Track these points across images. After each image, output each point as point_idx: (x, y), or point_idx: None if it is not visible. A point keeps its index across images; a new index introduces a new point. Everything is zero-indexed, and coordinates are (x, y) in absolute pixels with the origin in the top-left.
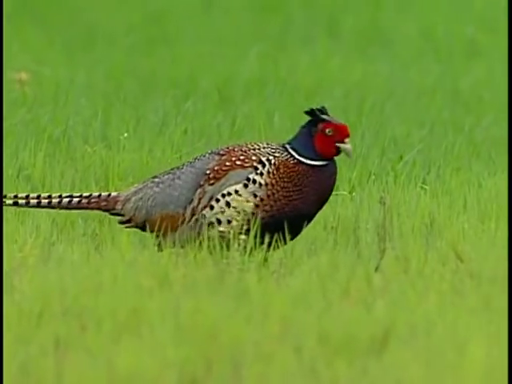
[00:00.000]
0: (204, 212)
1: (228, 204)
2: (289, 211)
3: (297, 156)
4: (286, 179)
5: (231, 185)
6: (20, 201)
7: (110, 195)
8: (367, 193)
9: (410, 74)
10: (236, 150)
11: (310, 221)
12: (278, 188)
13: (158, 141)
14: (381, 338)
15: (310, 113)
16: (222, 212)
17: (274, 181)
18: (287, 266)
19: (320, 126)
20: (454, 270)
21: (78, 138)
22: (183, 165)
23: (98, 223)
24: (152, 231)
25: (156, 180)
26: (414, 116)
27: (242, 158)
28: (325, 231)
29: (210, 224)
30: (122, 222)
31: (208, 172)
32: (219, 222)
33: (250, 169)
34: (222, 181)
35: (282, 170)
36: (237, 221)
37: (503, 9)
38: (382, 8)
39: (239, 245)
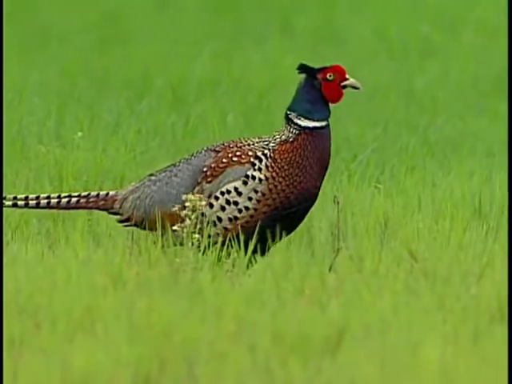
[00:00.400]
0: (204, 210)
1: (228, 202)
2: (294, 198)
3: (300, 122)
4: (286, 166)
5: (229, 182)
6: (19, 202)
7: (108, 194)
8: (321, 192)
9: (364, 73)
10: (232, 146)
11: (316, 197)
12: (281, 179)
13: (112, 140)
14: (335, 337)
15: (303, 69)
16: (223, 209)
17: (274, 173)
18: (241, 265)
19: (320, 75)
20: (408, 270)
21: (32, 138)
22: (180, 162)
23: (51, 222)
24: (152, 230)
25: (153, 178)
26: (367, 115)
27: (238, 154)
28: None
29: (211, 222)
30: (120, 221)
31: (205, 169)
32: (220, 219)
33: (248, 165)
34: (220, 178)
35: (279, 160)
36: (238, 218)
37: (458, 7)
38: (335, 7)
39: (193, 244)
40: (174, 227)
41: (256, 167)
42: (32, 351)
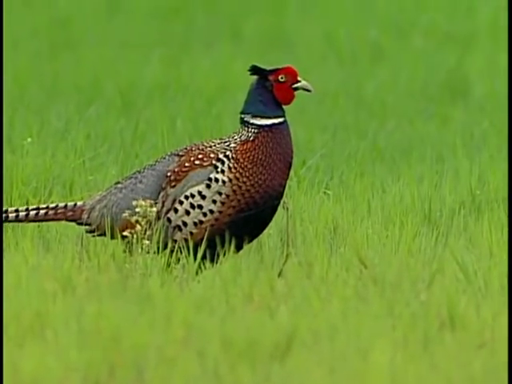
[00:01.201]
0: (169, 215)
1: (193, 206)
2: (259, 198)
3: (257, 121)
4: (249, 165)
5: (193, 186)
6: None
7: (75, 205)
8: None
9: (313, 77)
10: (194, 149)
11: (282, 195)
12: (245, 179)
13: (61, 146)
14: (284, 343)
15: (255, 70)
16: (188, 214)
17: (237, 174)
18: (190, 270)
19: (271, 77)
20: (357, 276)
21: None
22: (144, 168)
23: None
24: (121, 238)
25: (119, 186)
26: (316, 121)
27: (200, 156)
28: None
29: (176, 227)
30: (89, 232)
31: (169, 174)
32: (185, 224)
33: (210, 167)
34: (183, 182)
35: (241, 159)
36: (202, 222)
37: (407, 11)
38: (284, 12)
39: (142, 249)
40: (125, 233)
41: (219, 169)
42: None
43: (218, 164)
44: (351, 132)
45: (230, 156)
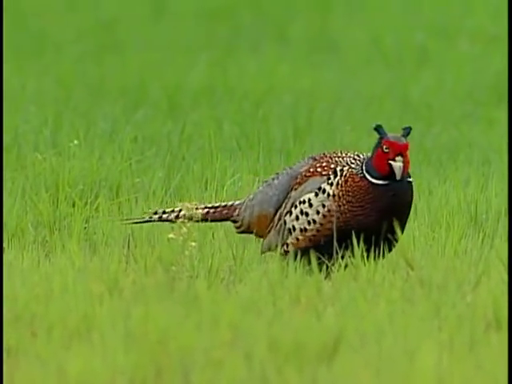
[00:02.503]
0: (286, 217)
1: (302, 212)
2: (355, 225)
3: (364, 171)
4: (350, 193)
5: (307, 192)
6: (163, 215)
7: (232, 204)
8: None
9: (359, 81)
10: (327, 155)
11: (386, 234)
12: (344, 201)
13: (108, 148)
14: (331, 345)
15: (377, 129)
16: (297, 219)
17: (340, 193)
18: (237, 273)
19: (382, 142)
20: (404, 278)
21: (29, 146)
22: (290, 166)
23: (48, 230)
24: (255, 234)
25: (266, 181)
26: (363, 123)
27: (324, 164)
28: None
29: (288, 230)
30: (236, 228)
31: (298, 176)
32: (294, 229)
33: (325, 177)
34: (302, 187)
35: (348, 183)
36: (306, 230)
37: (453, 15)
38: (330, 15)
39: (189, 251)
40: (170, 235)
41: (330, 181)
42: (28, 359)
43: (332, 176)
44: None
45: (344, 173)
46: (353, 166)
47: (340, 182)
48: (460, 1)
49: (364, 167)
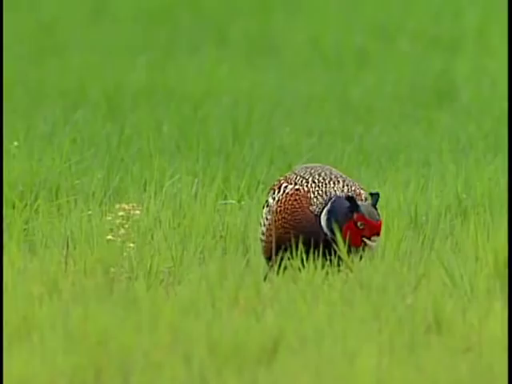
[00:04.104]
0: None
1: (260, 222)
2: (287, 239)
3: (323, 220)
4: (289, 212)
5: (266, 200)
6: None
7: None
8: (256, 202)
9: (299, 82)
10: (297, 171)
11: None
12: (280, 217)
13: (48, 150)
14: (270, 347)
15: (350, 200)
16: (260, 227)
17: (278, 208)
18: (176, 274)
19: (355, 215)
20: (343, 280)
21: None
22: None
23: None
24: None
25: None
26: (302, 125)
27: (281, 180)
28: (213, 240)
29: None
30: None
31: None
32: (259, 237)
33: (272, 191)
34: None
35: (290, 202)
36: (262, 240)
37: (393, 16)
38: (270, 16)
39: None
40: (109, 236)
41: (274, 195)
42: None
43: (276, 191)
44: (337, 136)
45: (286, 191)
46: (305, 188)
47: (281, 198)
48: (400, 1)
49: (325, 215)
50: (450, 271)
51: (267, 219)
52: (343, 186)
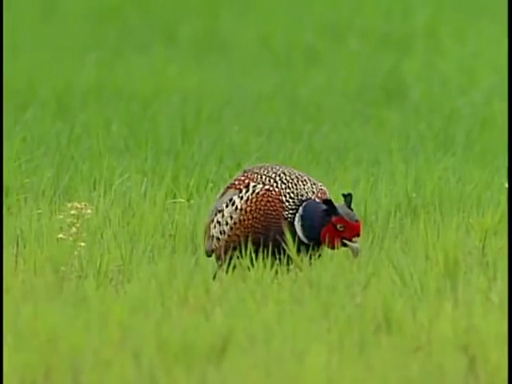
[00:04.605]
0: (211, 225)
1: (217, 221)
2: (253, 237)
3: (297, 227)
4: (261, 212)
5: (223, 202)
6: None
7: None
8: (205, 200)
9: (248, 81)
10: (254, 170)
11: (275, 236)
12: (250, 216)
13: None
14: (219, 345)
15: (327, 203)
16: (215, 227)
17: (248, 208)
18: (125, 273)
19: (334, 218)
20: (292, 279)
21: None
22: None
23: None
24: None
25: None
26: (251, 123)
27: (243, 178)
28: (163, 238)
29: (213, 237)
30: None
31: (226, 185)
32: (213, 236)
33: (237, 191)
34: (222, 197)
35: (263, 203)
36: (219, 239)
37: (343, 14)
38: (219, 15)
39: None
40: (60, 235)
41: (241, 194)
42: None
43: (243, 189)
44: (286, 135)
45: (257, 191)
46: (276, 189)
47: (250, 197)
48: (350, 0)
49: (298, 219)
50: (400, 270)
51: (231, 218)
52: (311, 186)
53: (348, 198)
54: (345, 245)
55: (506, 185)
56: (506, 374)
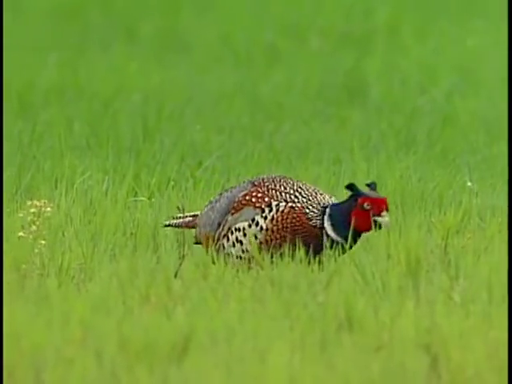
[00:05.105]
0: (223, 241)
1: (238, 240)
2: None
3: (329, 229)
4: (289, 230)
5: (241, 221)
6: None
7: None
8: (166, 199)
9: (209, 79)
10: (265, 183)
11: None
12: (278, 235)
13: None
14: (181, 344)
15: (350, 187)
16: (234, 246)
17: (275, 227)
18: (87, 271)
19: (359, 200)
20: (254, 277)
21: None
22: (231, 188)
23: None
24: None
25: (211, 201)
26: (212, 122)
27: (259, 195)
28: (124, 237)
29: (227, 255)
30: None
31: (236, 200)
32: (231, 255)
33: (258, 210)
34: (239, 213)
35: (289, 221)
36: (241, 258)
37: (303, 13)
38: (180, 13)
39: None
40: (20, 233)
41: (264, 214)
42: None
43: (266, 209)
44: (247, 133)
45: (281, 209)
46: (298, 204)
47: (275, 216)
48: None
49: (327, 221)
50: (362, 269)
51: (256, 238)
52: (328, 196)
53: (372, 185)
54: (376, 224)
55: (469, 183)
56: (469, 373)
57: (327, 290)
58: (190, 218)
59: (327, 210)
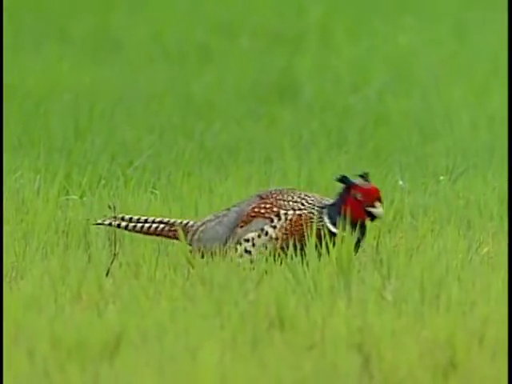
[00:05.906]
0: (231, 253)
1: (246, 250)
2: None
3: (329, 225)
4: (298, 236)
5: (251, 231)
6: (113, 222)
7: (186, 224)
8: (97, 197)
9: (141, 78)
10: (274, 196)
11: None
12: (288, 242)
13: None
14: (112, 342)
15: (341, 180)
16: (241, 257)
17: (284, 236)
18: (19, 269)
19: (351, 191)
20: (185, 276)
21: None
22: (238, 202)
23: None
24: None
25: (217, 214)
26: (143, 121)
27: (268, 206)
28: (56, 235)
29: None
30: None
31: (245, 213)
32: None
33: (268, 220)
34: (248, 226)
35: (297, 228)
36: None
37: (236, 12)
38: (112, 12)
39: None
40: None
41: (273, 224)
42: None
43: (275, 219)
44: (178, 132)
45: (289, 218)
46: (304, 210)
47: (284, 225)
48: None
49: (328, 219)
50: (293, 267)
51: (266, 248)
52: (329, 199)
53: (365, 175)
54: (369, 215)
55: (401, 182)
56: (401, 372)
57: (258, 289)
58: (162, 225)
59: (324, 210)
